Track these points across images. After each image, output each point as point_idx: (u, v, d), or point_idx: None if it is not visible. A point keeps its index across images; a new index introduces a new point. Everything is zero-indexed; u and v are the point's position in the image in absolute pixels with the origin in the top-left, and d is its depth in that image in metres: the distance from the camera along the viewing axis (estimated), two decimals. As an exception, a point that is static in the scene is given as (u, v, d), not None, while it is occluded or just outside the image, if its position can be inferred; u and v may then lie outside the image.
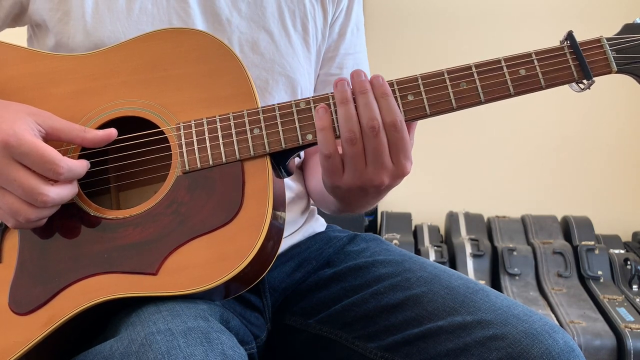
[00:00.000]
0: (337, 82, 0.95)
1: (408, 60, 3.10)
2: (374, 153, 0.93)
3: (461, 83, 0.95)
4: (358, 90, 0.94)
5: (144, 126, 0.99)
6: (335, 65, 1.24)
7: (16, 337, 0.91)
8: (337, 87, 0.95)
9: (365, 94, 0.94)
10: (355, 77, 0.95)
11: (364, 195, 0.98)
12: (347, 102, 0.94)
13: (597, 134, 3.16)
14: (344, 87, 0.94)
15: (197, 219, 0.92)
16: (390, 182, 0.96)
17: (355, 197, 1.00)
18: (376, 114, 0.93)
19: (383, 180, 0.95)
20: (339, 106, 0.94)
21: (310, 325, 1.14)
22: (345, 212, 1.12)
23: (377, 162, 0.94)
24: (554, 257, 2.77)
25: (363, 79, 0.95)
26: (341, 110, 0.94)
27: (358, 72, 0.95)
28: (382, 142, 0.93)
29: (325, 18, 1.21)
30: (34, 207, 0.90)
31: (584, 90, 0.97)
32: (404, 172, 0.95)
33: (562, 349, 0.94)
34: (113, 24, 1.07)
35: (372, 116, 0.93)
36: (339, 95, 0.94)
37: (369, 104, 0.93)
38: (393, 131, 0.93)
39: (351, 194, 0.99)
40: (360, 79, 0.95)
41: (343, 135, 0.93)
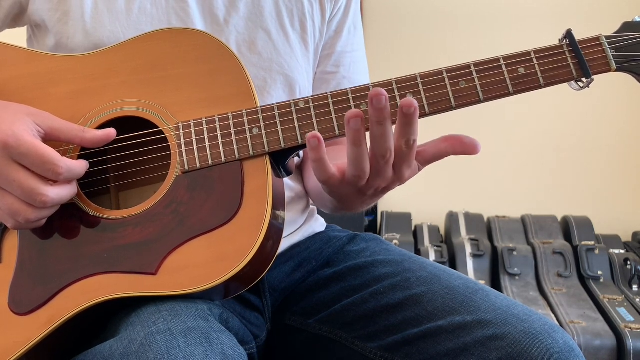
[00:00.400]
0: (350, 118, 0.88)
1: (407, 59, 3.10)
2: (379, 173, 0.92)
3: (460, 82, 0.95)
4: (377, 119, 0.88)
5: (143, 126, 0.99)
6: (331, 63, 1.24)
7: (16, 337, 0.91)
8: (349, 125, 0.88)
9: (383, 124, 0.88)
10: (375, 103, 0.87)
11: (361, 196, 0.98)
12: (359, 144, 0.90)
13: (597, 134, 3.17)
14: (357, 125, 0.88)
15: (197, 219, 0.92)
16: (388, 186, 0.96)
17: (352, 199, 1.00)
18: (391, 143, 0.90)
19: (380, 186, 0.95)
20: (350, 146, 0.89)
21: (310, 325, 1.14)
22: (342, 211, 1.12)
23: (379, 176, 0.93)
24: (554, 257, 2.77)
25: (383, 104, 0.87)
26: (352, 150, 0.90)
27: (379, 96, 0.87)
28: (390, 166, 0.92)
29: (324, 16, 1.21)
30: (34, 207, 0.90)
31: (583, 89, 0.97)
32: (402, 180, 0.95)
33: (561, 349, 0.94)
34: (112, 24, 1.07)
35: (388, 147, 0.90)
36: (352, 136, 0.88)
37: (385, 134, 0.89)
38: (407, 149, 0.91)
39: (348, 196, 0.98)
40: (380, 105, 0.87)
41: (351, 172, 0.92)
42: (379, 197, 1.01)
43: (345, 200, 1.02)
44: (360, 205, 1.05)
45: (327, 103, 0.96)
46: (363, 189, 0.95)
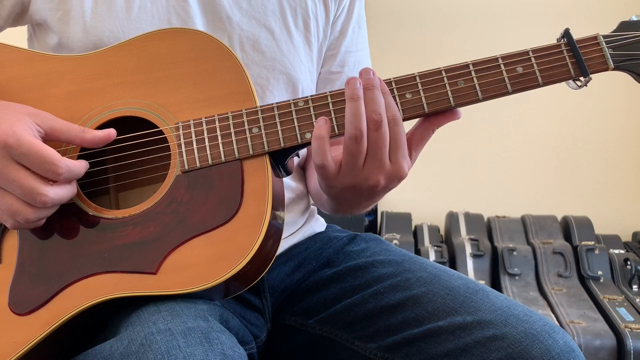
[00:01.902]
0: (349, 80, 0.95)
1: (406, 58, 3.11)
2: (373, 149, 0.93)
3: (459, 81, 0.96)
4: (366, 86, 0.94)
5: (143, 126, 0.99)
6: (336, 63, 1.24)
7: (16, 337, 0.91)
8: (348, 85, 0.95)
9: (372, 90, 0.94)
10: (364, 74, 0.95)
11: (357, 195, 0.98)
12: (357, 99, 0.93)
13: (597, 134, 3.17)
14: (355, 85, 0.94)
15: (197, 218, 0.92)
16: (385, 183, 0.95)
17: (349, 197, 1.00)
18: (381, 108, 0.93)
19: (379, 180, 0.95)
20: (348, 102, 0.94)
21: (310, 325, 1.14)
22: (339, 212, 1.12)
23: (376, 159, 0.93)
24: (554, 257, 2.77)
25: (371, 76, 0.95)
26: (350, 106, 0.94)
27: (367, 69, 0.96)
28: (383, 137, 0.93)
29: (327, 16, 1.21)
30: (33, 207, 0.90)
31: (581, 88, 0.97)
32: (400, 173, 0.95)
33: (562, 349, 0.94)
34: (112, 23, 1.07)
35: (377, 110, 0.93)
36: (350, 92, 0.94)
37: (374, 98, 0.93)
38: (393, 125, 0.93)
39: (345, 193, 0.98)
40: (369, 76, 0.95)
41: (348, 133, 0.93)
42: (375, 198, 1.01)
43: (341, 199, 1.02)
44: (355, 206, 1.06)
45: (327, 103, 0.96)
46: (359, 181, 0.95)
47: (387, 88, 0.95)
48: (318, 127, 0.94)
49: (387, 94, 0.95)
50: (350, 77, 0.95)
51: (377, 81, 0.95)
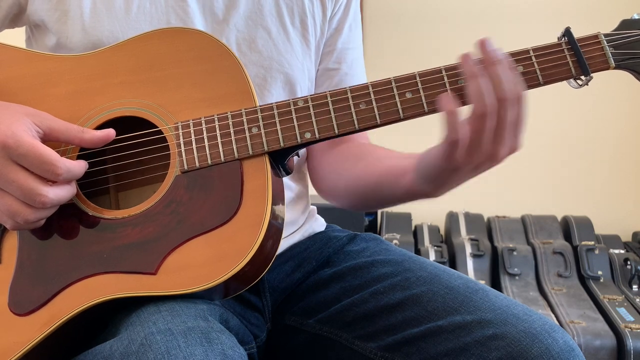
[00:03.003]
0: (465, 56, 0.93)
1: (406, 58, 3.10)
2: (500, 126, 0.92)
3: (459, 80, 0.95)
4: (488, 60, 0.92)
5: (143, 126, 0.99)
6: (333, 59, 1.24)
7: (16, 338, 0.91)
8: (465, 61, 0.93)
9: (496, 65, 0.92)
10: (487, 46, 0.93)
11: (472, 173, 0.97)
12: (479, 76, 0.92)
13: (597, 134, 3.17)
14: (469, 61, 0.93)
15: (196, 219, 0.92)
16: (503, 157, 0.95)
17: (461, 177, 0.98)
18: (509, 86, 0.92)
19: (502, 155, 0.94)
20: (469, 80, 0.92)
21: (310, 325, 1.14)
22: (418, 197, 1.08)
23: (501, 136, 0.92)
24: (554, 257, 2.77)
25: (492, 48, 0.93)
26: (472, 85, 0.92)
27: (486, 41, 0.93)
28: (508, 116, 0.92)
29: (325, 13, 1.21)
30: (33, 208, 0.90)
31: (582, 87, 0.97)
32: (517, 148, 0.95)
33: (561, 349, 0.94)
34: (111, 24, 1.07)
35: (504, 88, 0.91)
36: (468, 69, 0.93)
37: (500, 76, 0.91)
38: (517, 105, 0.92)
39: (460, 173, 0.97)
40: (489, 48, 0.93)
41: (476, 111, 0.91)
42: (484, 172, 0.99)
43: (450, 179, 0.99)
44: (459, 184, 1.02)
45: (326, 102, 0.96)
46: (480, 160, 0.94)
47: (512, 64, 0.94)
48: (447, 102, 0.92)
49: (510, 69, 0.93)
50: (465, 53, 0.93)
51: (500, 55, 0.93)
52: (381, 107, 0.96)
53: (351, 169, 1.17)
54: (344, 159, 1.20)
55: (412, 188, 1.04)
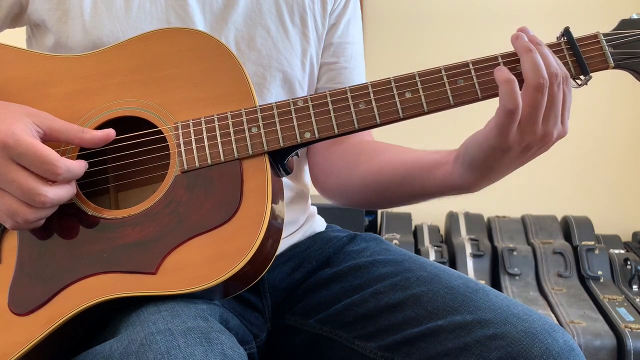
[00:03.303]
0: (517, 35, 0.95)
1: (406, 58, 3.10)
2: (553, 103, 0.93)
3: (458, 80, 0.95)
4: (534, 42, 0.95)
5: (143, 126, 0.99)
6: (330, 53, 1.23)
7: (16, 338, 0.91)
8: (517, 39, 0.95)
9: (542, 46, 0.95)
10: (526, 32, 0.96)
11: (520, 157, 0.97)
12: (532, 50, 0.93)
13: (597, 134, 3.16)
14: (524, 38, 0.95)
15: (196, 218, 0.92)
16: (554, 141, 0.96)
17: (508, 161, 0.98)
18: (556, 64, 0.93)
19: (554, 136, 0.95)
20: (525, 54, 0.93)
21: (310, 325, 1.14)
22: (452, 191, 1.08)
23: (555, 114, 0.93)
24: (554, 257, 2.77)
25: (532, 34, 0.96)
26: (529, 57, 0.93)
27: (526, 28, 0.96)
28: (561, 93, 0.93)
29: (325, 8, 1.21)
30: (33, 207, 0.90)
31: (581, 86, 0.97)
32: (565, 132, 0.96)
33: (562, 348, 0.94)
34: (112, 23, 1.07)
35: (555, 65, 0.93)
36: (523, 45, 0.94)
37: (548, 54, 0.94)
38: (565, 85, 0.94)
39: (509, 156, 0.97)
40: (530, 33, 0.96)
41: (532, 83, 0.92)
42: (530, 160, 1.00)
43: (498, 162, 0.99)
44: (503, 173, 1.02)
45: (326, 102, 0.96)
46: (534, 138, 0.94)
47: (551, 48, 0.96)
48: (503, 73, 0.94)
49: (553, 53, 0.95)
50: (516, 33, 0.96)
51: (540, 39, 0.95)
52: (381, 106, 0.96)
53: (367, 163, 1.16)
54: (356, 154, 1.19)
55: (448, 180, 1.04)
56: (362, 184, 1.18)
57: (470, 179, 1.01)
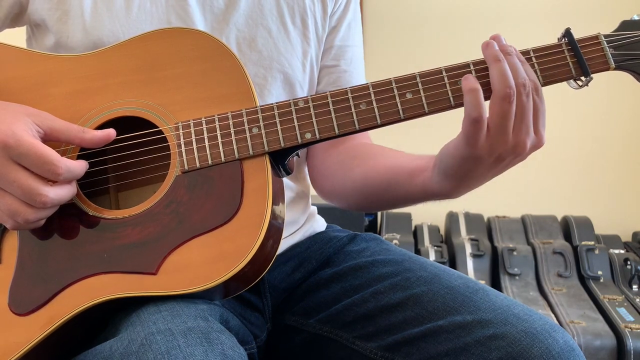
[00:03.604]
0: (487, 43, 0.95)
1: (406, 58, 3.10)
2: (523, 113, 0.92)
3: (459, 81, 0.95)
4: (505, 51, 0.94)
5: (143, 126, 0.99)
6: (331, 57, 1.24)
7: (16, 338, 0.91)
8: (487, 47, 0.95)
9: (512, 55, 0.94)
10: (498, 40, 0.96)
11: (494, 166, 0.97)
12: (501, 60, 0.93)
13: (597, 134, 3.16)
14: (494, 47, 0.94)
15: (196, 219, 0.92)
16: (528, 151, 0.94)
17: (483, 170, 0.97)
18: (525, 74, 0.93)
19: (526, 147, 0.94)
20: (494, 64, 0.93)
21: (310, 325, 1.14)
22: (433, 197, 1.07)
23: (525, 124, 0.92)
24: (554, 257, 2.77)
25: (505, 42, 0.95)
26: (497, 67, 0.93)
27: (499, 36, 0.96)
28: (530, 103, 0.93)
29: (325, 11, 1.21)
30: (33, 207, 0.90)
31: (582, 88, 0.97)
32: (541, 142, 0.95)
33: (562, 348, 0.94)
34: (112, 23, 1.07)
35: (524, 75, 0.93)
36: (492, 54, 0.94)
37: (517, 64, 0.93)
38: (535, 95, 0.93)
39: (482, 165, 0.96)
40: (503, 42, 0.95)
41: (500, 93, 0.92)
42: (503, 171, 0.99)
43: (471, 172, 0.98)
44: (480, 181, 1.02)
45: (327, 102, 0.96)
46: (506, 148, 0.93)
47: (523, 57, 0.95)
48: (469, 82, 0.93)
49: (524, 62, 0.95)
50: (487, 41, 0.95)
51: (512, 49, 0.95)
52: (381, 107, 0.96)
53: (359, 167, 1.16)
54: (351, 158, 1.19)
55: (428, 187, 1.04)
56: (353, 188, 1.18)
57: (448, 187, 1.02)
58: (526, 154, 0.95)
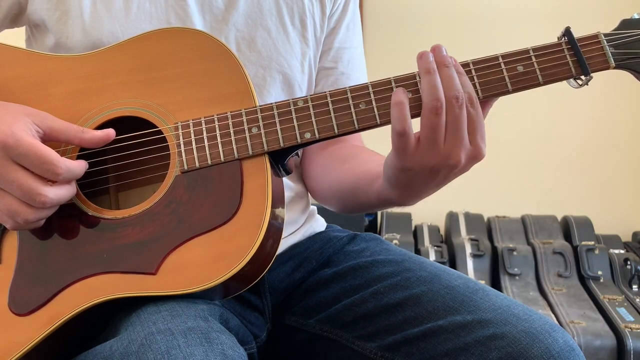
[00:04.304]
0: (422, 53, 0.95)
1: (406, 58, 3.10)
2: (455, 125, 0.92)
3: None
4: (441, 63, 0.94)
5: (143, 126, 0.99)
6: (329, 59, 1.24)
7: (16, 338, 0.91)
8: (421, 59, 0.94)
9: (449, 67, 0.93)
10: (437, 51, 0.95)
11: (432, 178, 0.96)
12: (433, 72, 0.93)
13: (597, 134, 3.17)
14: (429, 58, 0.94)
15: (196, 219, 0.92)
16: (465, 163, 0.94)
17: (421, 181, 0.97)
18: (460, 87, 0.92)
19: (460, 159, 0.93)
20: (424, 76, 0.93)
21: (310, 325, 1.14)
22: (390, 204, 1.08)
23: (457, 136, 0.92)
24: (554, 257, 2.77)
25: (445, 53, 0.95)
26: (426, 79, 0.93)
27: (439, 47, 0.95)
28: (463, 115, 0.92)
29: (324, 12, 1.21)
30: (33, 207, 0.90)
31: (582, 87, 0.97)
32: (480, 155, 0.94)
33: (562, 348, 0.94)
34: (111, 23, 1.07)
35: (457, 87, 0.92)
36: (424, 65, 0.94)
37: (452, 76, 0.93)
38: (470, 107, 0.92)
39: (419, 177, 0.96)
40: (442, 53, 0.95)
41: (428, 105, 0.92)
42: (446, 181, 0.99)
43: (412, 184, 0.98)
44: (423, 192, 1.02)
45: (326, 102, 0.96)
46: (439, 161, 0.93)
47: (462, 68, 0.95)
48: (397, 95, 0.93)
49: (462, 74, 0.94)
50: (422, 51, 0.95)
51: (450, 60, 0.94)
52: (381, 107, 0.96)
53: (335, 171, 1.17)
54: (332, 160, 1.20)
55: (381, 194, 1.04)
56: (329, 190, 1.20)
57: (395, 196, 1.02)
58: (464, 166, 0.94)
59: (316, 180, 1.23)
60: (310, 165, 1.24)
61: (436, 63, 0.94)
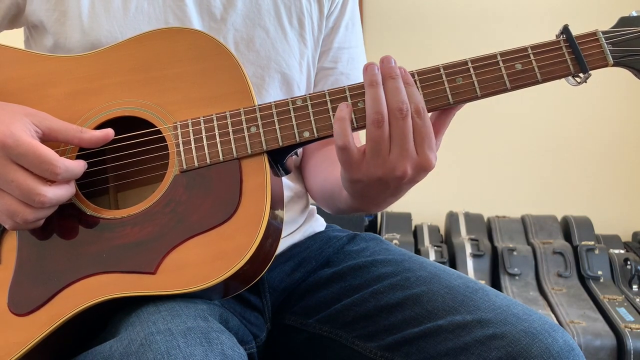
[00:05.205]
0: (367, 65, 0.94)
1: (405, 56, 3.10)
2: (399, 137, 0.92)
3: (457, 78, 0.95)
4: (387, 74, 0.94)
5: (142, 126, 0.99)
6: (329, 59, 1.24)
7: (16, 338, 0.91)
8: (366, 71, 0.94)
9: (395, 78, 0.93)
10: (385, 62, 0.95)
11: (384, 189, 0.96)
12: (376, 85, 0.93)
13: (597, 134, 3.17)
14: (373, 70, 0.94)
15: (195, 218, 0.92)
16: (413, 174, 0.94)
17: (374, 192, 0.98)
18: (405, 98, 0.92)
19: (406, 170, 0.93)
20: (368, 88, 0.93)
21: (310, 324, 1.14)
22: (359, 211, 1.10)
23: (401, 148, 0.92)
24: (554, 257, 2.77)
25: (392, 64, 0.94)
26: (370, 92, 0.93)
27: (388, 58, 0.95)
28: (408, 126, 0.92)
29: (321, 11, 1.21)
30: (32, 207, 0.90)
31: (580, 84, 0.97)
32: (428, 165, 0.94)
33: (561, 348, 0.94)
34: (110, 24, 1.07)
35: (402, 99, 0.92)
36: (368, 78, 0.94)
37: (398, 88, 0.93)
38: (417, 117, 0.92)
39: (371, 188, 0.97)
40: (390, 64, 0.94)
41: (370, 118, 0.92)
42: (401, 192, 1.00)
43: (365, 195, 1.00)
44: (379, 202, 1.03)
45: (325, 101, 0.96)
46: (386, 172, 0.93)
47: (411, 79, 0.94)
48: (339, 110, 0.94)
49: (410, 84, 0.94)
50: (368, 63, 0.95)
51: (398, 71, 0.94)
52: None
53: (323, 172, 1.18)
54: (323, 161, 1.20)
55: (348, 201, 1.06)
56: (315, 191, 1.21)
57: (356, 205, 1.04)
58: (413, 177, 0.94)
59: (308, 180, 1.23)
60: (306, 165, 1.24)
61: (382, 74, 0.94)
